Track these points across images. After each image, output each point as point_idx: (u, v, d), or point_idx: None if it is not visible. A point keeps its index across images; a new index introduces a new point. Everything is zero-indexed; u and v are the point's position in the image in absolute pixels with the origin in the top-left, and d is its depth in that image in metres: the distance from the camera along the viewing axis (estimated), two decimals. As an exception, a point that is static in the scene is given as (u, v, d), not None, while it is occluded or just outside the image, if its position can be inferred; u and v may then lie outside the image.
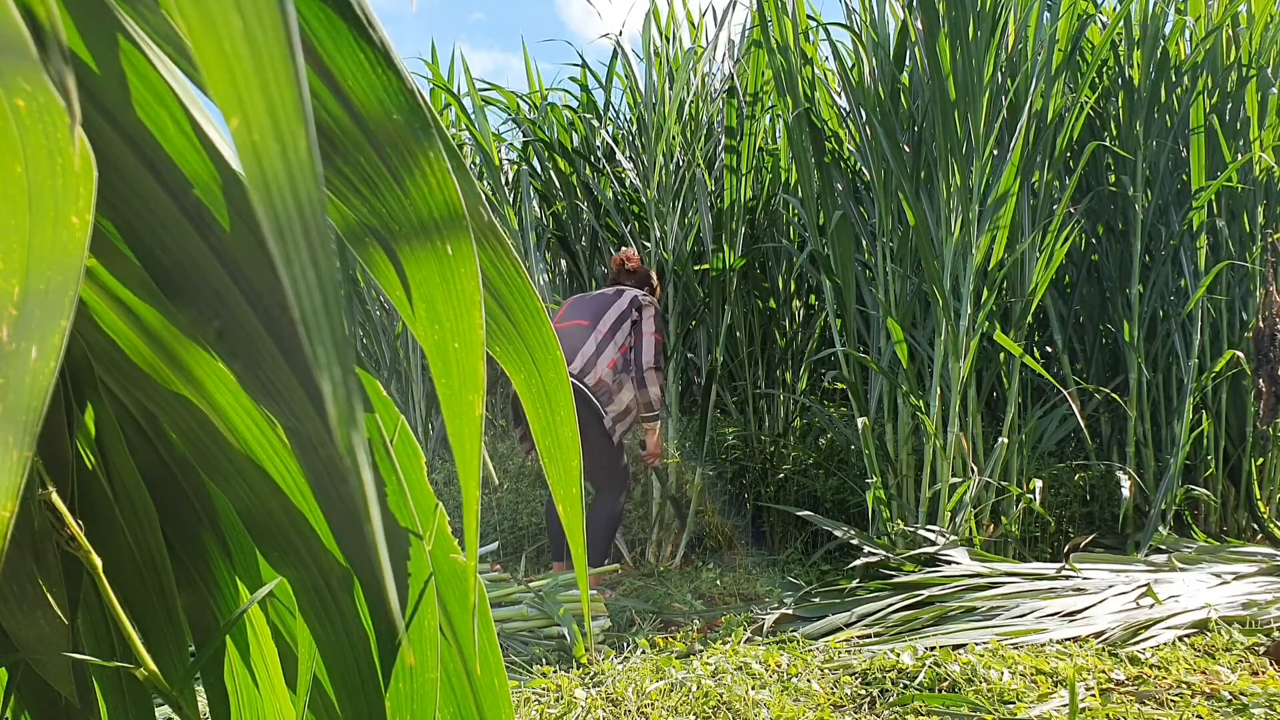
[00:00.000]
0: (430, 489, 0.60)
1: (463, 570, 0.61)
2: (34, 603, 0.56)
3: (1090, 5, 3.91)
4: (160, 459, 0.64)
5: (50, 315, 0.31)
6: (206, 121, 0.47)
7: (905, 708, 2.21)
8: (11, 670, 0.62)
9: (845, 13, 3.85)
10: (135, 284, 0.52)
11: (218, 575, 0.67)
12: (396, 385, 5.23)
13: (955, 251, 3.39)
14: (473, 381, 0.49)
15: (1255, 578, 3.09)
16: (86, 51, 0.44)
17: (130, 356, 0.57)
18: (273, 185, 0.26)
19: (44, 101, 0.31)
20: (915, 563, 3.16)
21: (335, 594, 0.58)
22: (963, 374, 3.41)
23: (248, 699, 0.69)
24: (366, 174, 0.47)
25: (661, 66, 4.34)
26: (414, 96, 0.45)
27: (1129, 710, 2.16)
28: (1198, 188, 3.69)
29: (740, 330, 4.46)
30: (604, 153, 4.76)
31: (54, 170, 0.32)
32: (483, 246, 0.52)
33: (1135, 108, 3.80)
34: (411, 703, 0.61)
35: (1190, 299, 3.72)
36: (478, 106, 4.70)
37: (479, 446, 0.50)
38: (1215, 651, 2.56)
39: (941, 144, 3.36)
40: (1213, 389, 3.93)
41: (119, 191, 0.47)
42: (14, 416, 0.30)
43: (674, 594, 3.49)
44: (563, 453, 0.58)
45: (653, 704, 2.29)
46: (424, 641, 0.60)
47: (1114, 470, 3.89)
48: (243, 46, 0.27)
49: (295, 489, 0.58)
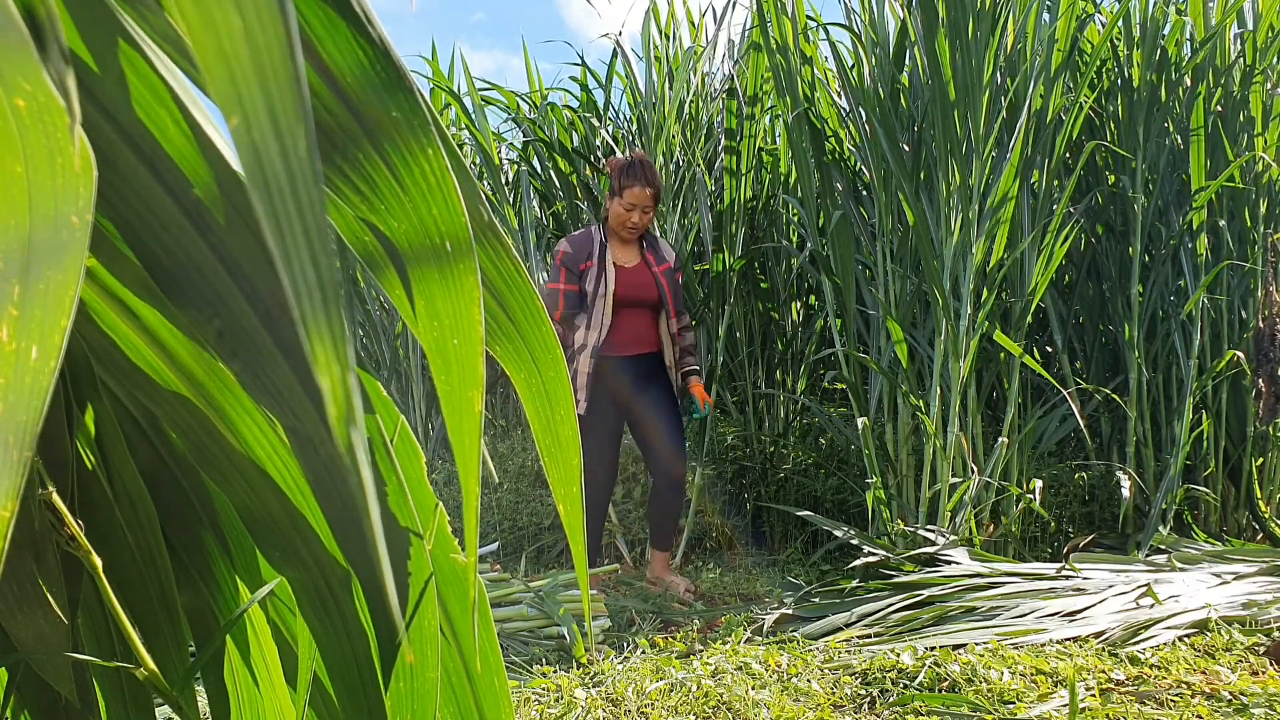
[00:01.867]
0: (430, 488, 0.60)
1: (463, 569, 0.61)
2: (34, 603, 0.56)
3: (1089, 5, 3.91)
4: (160, 459, 0.64)
5: (50, 315, 0.31)
6: (206, 121, 0.47)
7: (905, 708, 2.21)
8: (11, 670, 0.62)
9: (845, 13, 3.85)
10: (135, 284, 0.52)
11: (218, 574, 0.67)
12: (396, 385, 5.23)
13: (955, 251, 3.40)
14: (472, 378, 0.49)
15: (1255, 578, 3.09)
16: (86, 51, 0.44)
17: (130, 356, 0.57)
18: (273, 185, 0.26)
19: (44, 101, 0.31)
20: (915, 563, 3.16)
21: (335, 593, 0.58)
22: (963, 374, 3.41)
23: (248, 698, 0.69)
24: (366, 173, 0.47)
25: (661, 66, 4.34)
26: (414, 95, 0.45)
27: (1129, 710, 2.15)
28: (1198, 187, 3.69)
29: (740, 330, 4.46)
30: (604, 152, 4.76)
31: (54, 170, 0.32)
32: (482, 245, 0.52)
33: (1135, 108, 3.80)
34: (412, 702, 0.61)
35: (1190, 299, 3.72)
36: (478, 106, 4.70)
37: (479, 443, 0.50)
38: (1215, 651, 2.56)
39: (941, 144, 3.36)
40: (1213, 389, 3.93)
41: (119, 191, 0.47)
42: (14, 416, 0.30)
43: (674, 594, 3.49)
44: (563, 451, 0.58)
45: (653, 704, 2.29)
46: (424, 641, 0.60)
47: (1114, 470, 3.89)
48: (243, 46, 0.27)
49: (295, 488, 0.58)
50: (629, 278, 3.45)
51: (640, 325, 3.49)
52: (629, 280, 3.45)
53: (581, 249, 3.45)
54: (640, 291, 3.45)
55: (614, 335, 3.43)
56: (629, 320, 3.46)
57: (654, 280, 3.46)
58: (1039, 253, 3.58)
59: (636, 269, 3.47)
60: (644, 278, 3.47)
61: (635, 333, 3.48)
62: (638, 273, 3.47)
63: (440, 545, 0.61)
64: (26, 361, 0.31)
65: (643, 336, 3.50)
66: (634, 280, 3.46)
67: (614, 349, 3.44)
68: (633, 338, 3.47)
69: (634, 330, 3.47)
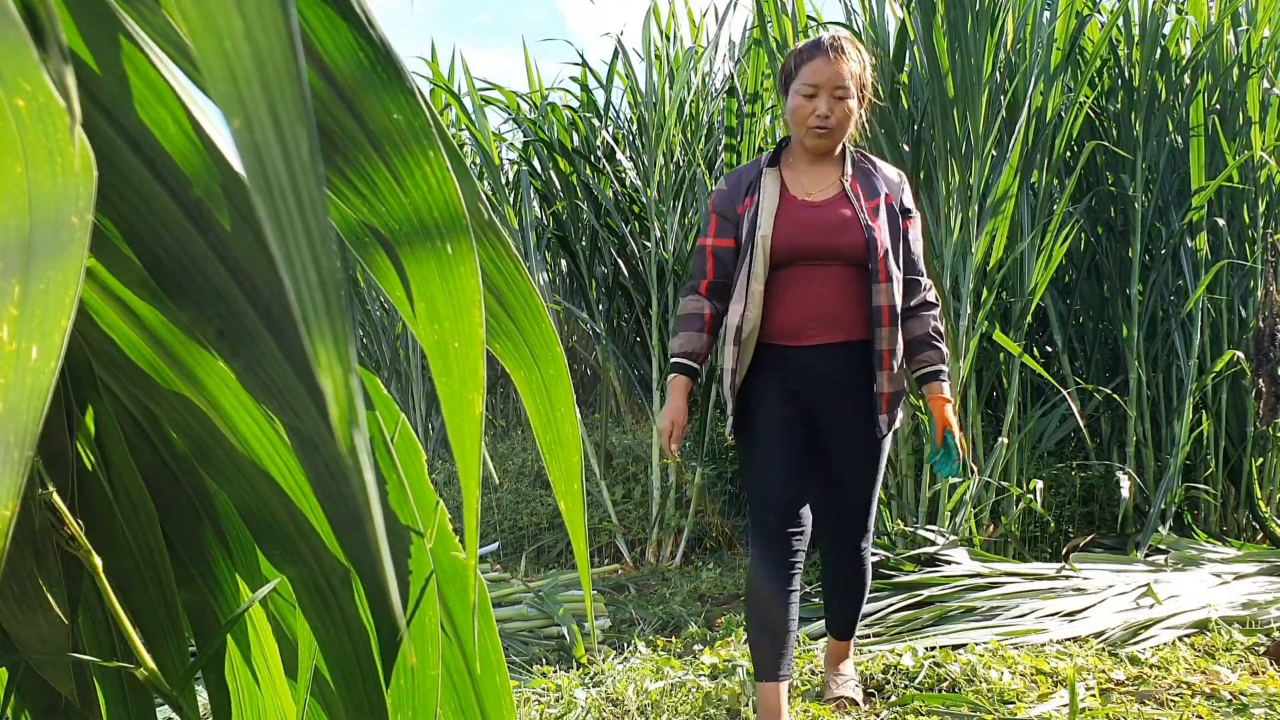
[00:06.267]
0: (430, 487, 0.60)
1: (463, 568, 0.61)
2: (34, 603, 0.56)
3: (1089, 4, 3.91)
4: (160, 459, 0.64)
5: (50, 315, 0.31)
6: (207, 121, 0.47)
7: (905, 708, 2.21)
8: (11, 670, 0.62)
9: (845, 12, 3.85)
10: (135, 284, 0.52)
11: (218, 573, 0.67)
12: (396, 385, 5.23)
13: (955, 251, 3.40)
14: (473, 380, 0.49)
15: (1255, 578, 3.09)
16: (87, 51, 0.44)
17: (130, 356, 0.57)
18: (274, 186, 0.26)
19: (44, 101, 0.31)
20: (915, 563, 3.16)
21: (336, 592, 0.58)
22: (962, 374, 3.41)
23: (249, 695, 0.69)
24: (366, 174, 0.47)
25: (662, 66, 4.34)
26: (414, 97, 0.45)
27: (1129, 710, 2.16)
28: (1197, 187, 3.69)
29: (740, 330, 4.46)
30: (604, 152, 4.76)
31: (54, 170, 0.32)
32: (482, 245, 0.52)
33: (1135, 107, 3.80)
34: (413, 700, 0.61)
35: (1190, 299, 3.72)
36: (478, 106, 4.70)
37: (479, 444, 0.50)
38: (1215, 651, 2.56)
39: (940, 143, 3.36)
40: (1213, 389, 3.93)
41: (119, 191, 0.47)
42: (14, 416, 0.30)
43: (674, 594, 3.49)
44: (564, 449, 0.58)
45: (653, 704, 2.29)
46: (425, 639, 0.60)
47: (1114, 470, 3.89)
48: (244, 47, 0.27)
49: (296, 487, 0.58)
50: (807, 216, 2.10)
51: (828, 296, 2.09)
52: (806, 220, 2.10)
53: (740, 184, 2.20)
54: (826, 238, 2.08)
55: (779, 310, 2.10)
56: (808, 287, 2.09)
57: (855, 221, 2.08)
58: (1039, 252, 3.58)
59: (826, 205, 2.12)
60: (836, 216, 2.09)
61: (819, 308, 2.09)
62: (826, 210, 2.11)
63: (441, 543, 0.61)
64: (26, 361, 0.31)
65: (832, 314, 2.09)
66: (815, 221, 2.10)
67: (779, 334, 2.11)
68: (814, 316, 2.09)
69: (816, 303, 2.09)
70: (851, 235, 2.08)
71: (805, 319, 2.10)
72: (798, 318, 2.10)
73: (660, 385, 4.26)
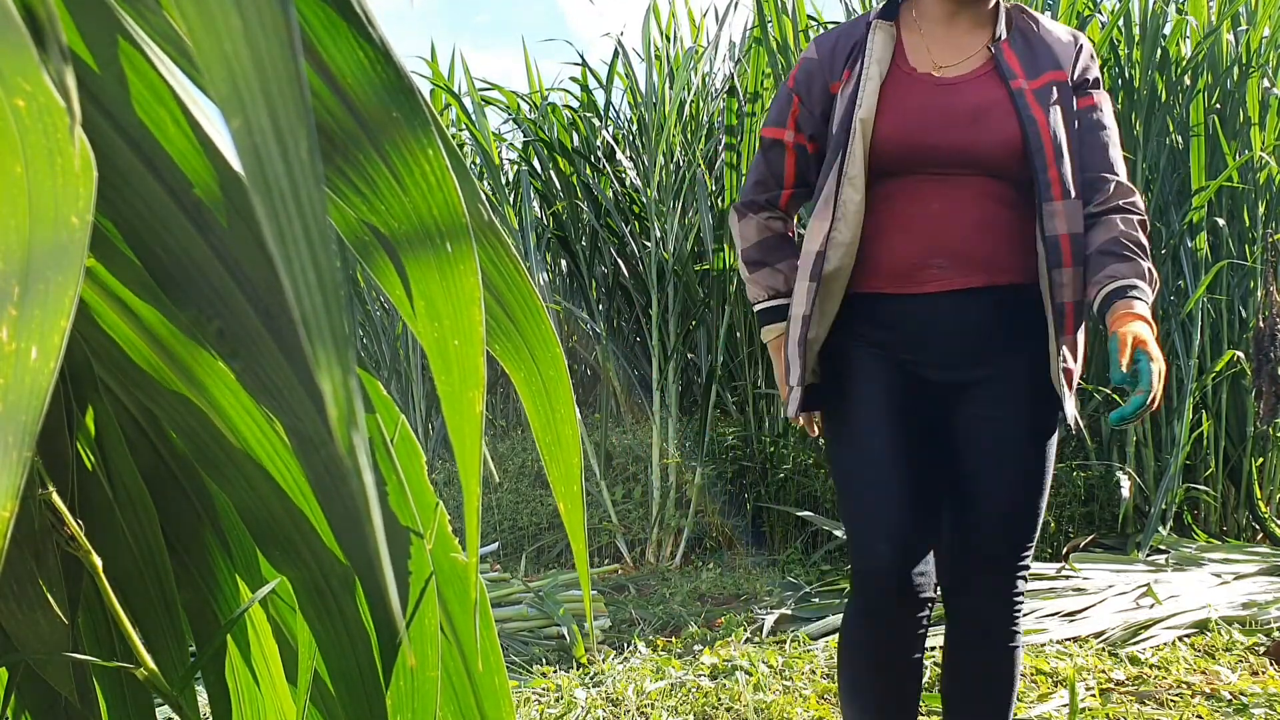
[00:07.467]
0: (430, 488, 0.60)
1: (463, 569, 0.61)
2: (34, 603, 0.56)
3: (1089, 4, 3.91)
4: (160, 459, 0.64)
5: (50, 315, 0.31)
6: (206, 121, 0.47)
7: (905, 707, 2.21)
8: (11, 670, 0.62)
9: (845, 12, 3.85)
10: (135, 284, 0.52)
11: (218, 574, 0.67)
12: (396, 385, 5.23)
13: (955, 251, 3.39)
14: (473, 379, 0.49)
15: (1255, 578, 3.09)
16: (87, 51, 0.44)
17: (130, 356, 0.57)
18: (274, 186, 0.26)
19: (44, 101, 0.31)
20: (915, 562, 3.15)
21: (336, 593, 0.58)
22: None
23: (248, 696, 0.69)
24: (366, 173, 0.47)
25: (662, 66, 4.34)
26: (414, 96, 0.45)
27: (1129, 710, 2.16)
28: (1197, 187, 3.69)
29: (740, 330, 4.46)
30: (604, 152, 4.76)
31: (54, 170, 0.32)
32: (482, 245, 0.52)
33: (1135, 107, 3.80)
34: (413, 701, 0.61)
35: (1190, 299, 3.72)
36: (478, 106, 4.70)
37: (479, 443, 0.50)
38: (1215, 651, 2.56)
39: (941, 144, 3.35)
40: (1213, 389, 3.93)
41: (119, 191, 0.47)
42: (14, 416, 0.30)
43: (674, 594, 3.49)
44: (563, 450, 0.58)
45: (653, 704, 2.29)
46: (425, 640, 0.60)
47: (1114, 470, 3.89)
48: (243, 47, 0.27)
49: (296, 488, 0.58)
50: (934, 99, 1.43)
51: (963, 221, 1.41)
52: (932, 106, 1.42)
53: (837, 50, 1.49)
54: (963, 134, 1.40)
55: (886, 238, 1.43)
56: (930, 206, 1.42)
57: (1010, 108, 1.39)
58: (1039, 252, 3.57)
59: (964, 83, 1.44)
60: (979, 100, 1.41)
61: (948, 237, 1.41)
62: (963, 91, 1.43)
63: (441, 544, 0.61)
64: (26, 361, 0.31)
65: (969, 247, 1.41)
66: (946, 106, 1.42)
67: (886, 274, 1.44)
68: (940, 248, 1.42)
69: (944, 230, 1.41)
70: (1002, 130, 1.38)
71: (926, 253, 1.40)
72: (914, 251, 1.40)
73: (660, 385, 4.27)
